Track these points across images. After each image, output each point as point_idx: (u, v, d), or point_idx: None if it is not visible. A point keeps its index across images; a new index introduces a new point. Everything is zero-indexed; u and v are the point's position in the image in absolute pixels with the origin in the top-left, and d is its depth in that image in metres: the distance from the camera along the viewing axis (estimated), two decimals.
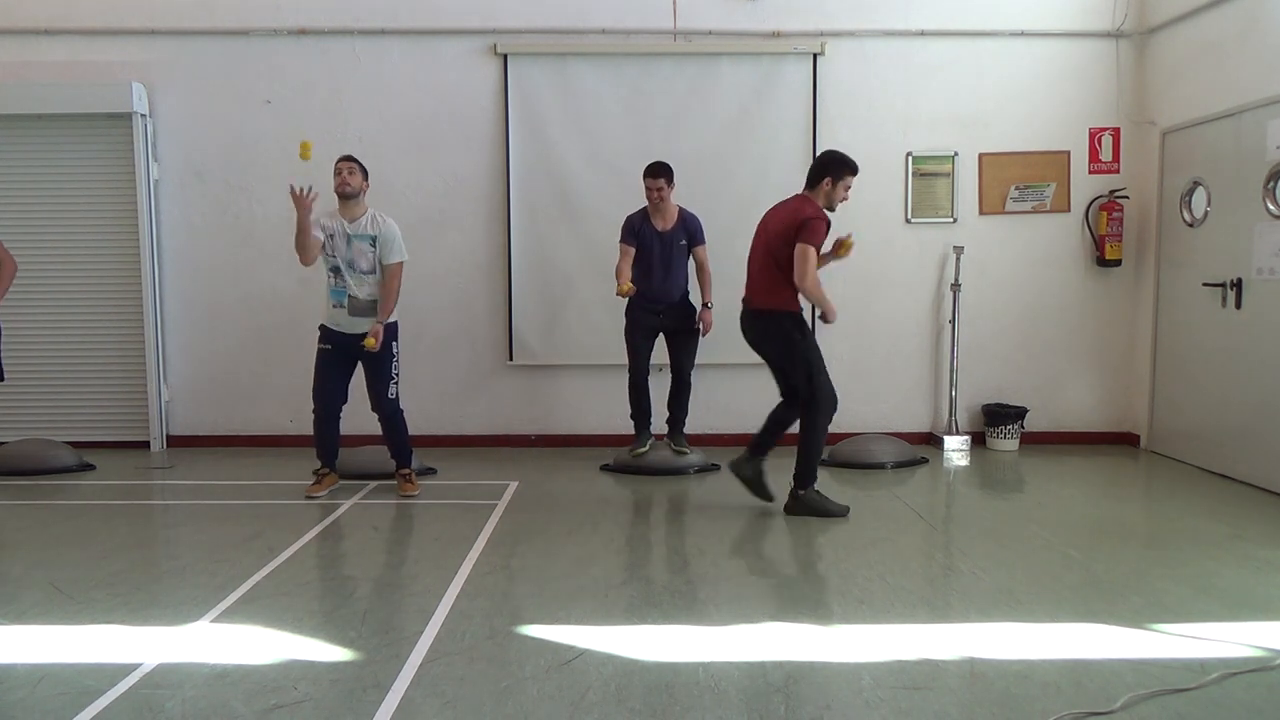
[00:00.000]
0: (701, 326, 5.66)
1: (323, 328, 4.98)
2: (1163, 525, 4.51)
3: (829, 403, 4.59)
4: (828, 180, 4.53)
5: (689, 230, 5.60)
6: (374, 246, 4.84)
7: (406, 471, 5.18)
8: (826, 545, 4.16)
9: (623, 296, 5.47)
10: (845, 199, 4.62)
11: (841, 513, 4.62)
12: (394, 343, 4.96)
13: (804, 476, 4.64)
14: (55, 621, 3.23)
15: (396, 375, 4.99)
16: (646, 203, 5.57)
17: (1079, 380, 6.58)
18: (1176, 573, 3.73)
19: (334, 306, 4.90)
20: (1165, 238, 6.16)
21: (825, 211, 4.52)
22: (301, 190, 4.67)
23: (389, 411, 5.01)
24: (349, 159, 4.89)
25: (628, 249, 5.53)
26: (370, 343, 4.75)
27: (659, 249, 5.53)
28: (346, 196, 4.83)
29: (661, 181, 5.43)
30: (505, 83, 6.31)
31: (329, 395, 4.96)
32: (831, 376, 4.57)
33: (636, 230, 5.53)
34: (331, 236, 4.84)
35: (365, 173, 4.93)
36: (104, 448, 6.35)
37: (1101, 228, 6.38)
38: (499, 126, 6.36)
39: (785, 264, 4.48)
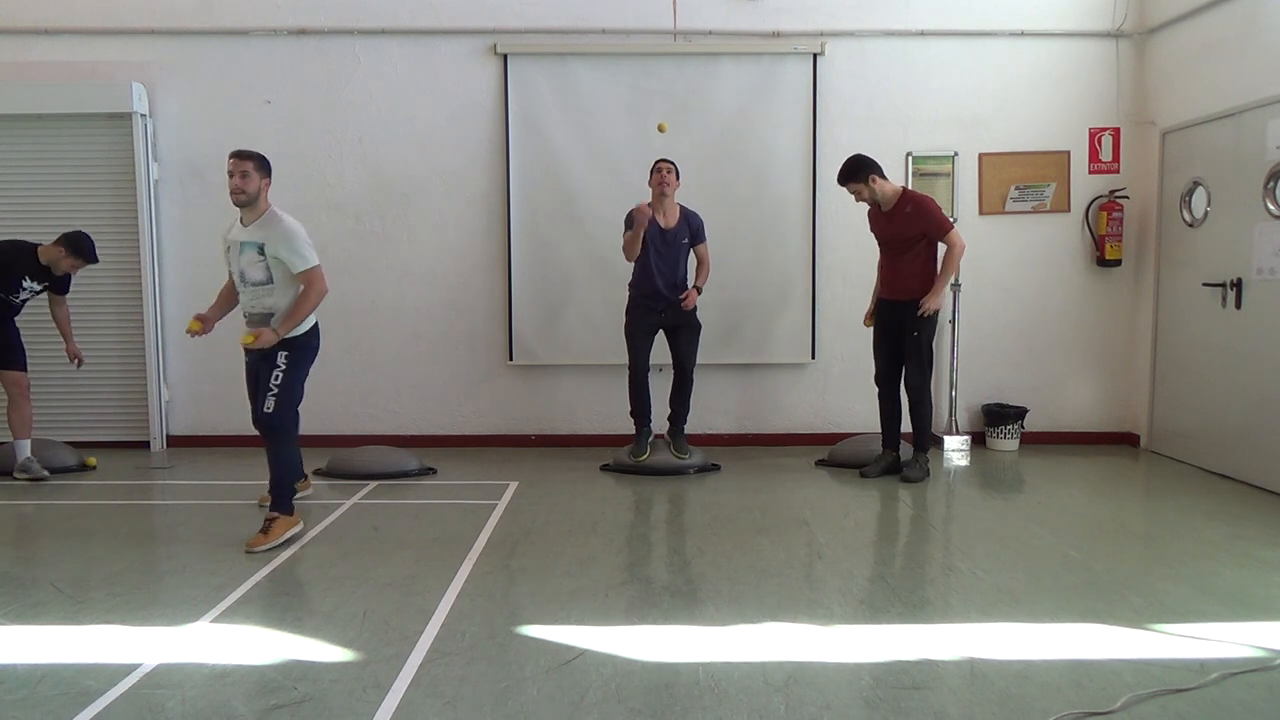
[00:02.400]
0: (686, 301, 5.52)
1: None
2: (1163, 525, 4.52)
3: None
4: None
5: (691, 228, 5.61)
6: (262, 255, 4.12)
7: (272, 516, 4.17)
8: (826, 545, 4.16)
9: (640, 215, 5.29)
10: (859, 200, 5.34)
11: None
12: (284, 354, 4.15)
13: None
14: (55, 621, 3.23)
15: (276, 389, 4.12)
16: (650, 197, 5.55)
17: (1079, 380, 6.57)
18: (1176, 573, 3.73)
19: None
20: (1165, 238, 6.16)
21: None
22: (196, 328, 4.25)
23: (263, 426, 4.21)
24: (241, 156, 4.14)
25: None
26: (248, 339, 4.10)
27: (662, 245, 5.53)
28: (243, 205, 4.16)
29: (671, 165, 5.49)
30: (505, 83, 6.31)
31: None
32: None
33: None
34: (229, 248, 4.26)
35: (265, 166, 4.19)
36: (104, 448, 6.34)
37: (1101, 228, 6.38)
38: (499, 126, 6.36)
39: None
